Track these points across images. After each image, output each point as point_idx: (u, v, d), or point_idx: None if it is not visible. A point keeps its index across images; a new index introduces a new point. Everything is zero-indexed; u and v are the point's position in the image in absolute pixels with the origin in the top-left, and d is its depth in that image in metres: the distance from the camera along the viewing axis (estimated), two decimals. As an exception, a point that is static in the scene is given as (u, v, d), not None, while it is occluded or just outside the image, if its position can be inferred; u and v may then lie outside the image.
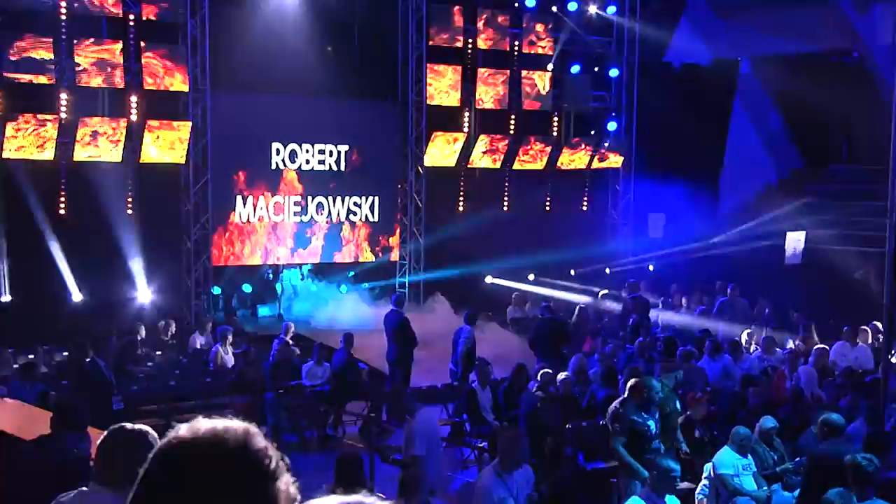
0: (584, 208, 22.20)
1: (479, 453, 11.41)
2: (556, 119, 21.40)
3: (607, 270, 21.36)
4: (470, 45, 19.82)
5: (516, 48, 20.42)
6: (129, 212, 16.47)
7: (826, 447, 7.81)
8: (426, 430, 7.81)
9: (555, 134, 21.22)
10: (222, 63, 16.72)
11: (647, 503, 6.84)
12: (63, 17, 15.45)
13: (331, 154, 18.59)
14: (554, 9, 20.62)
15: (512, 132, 20.40)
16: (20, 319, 14.87)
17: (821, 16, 20.05)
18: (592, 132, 21.88)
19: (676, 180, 20.69)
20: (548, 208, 21.64)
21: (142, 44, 16.07)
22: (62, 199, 16.01)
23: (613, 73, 21.72)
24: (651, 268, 21.21)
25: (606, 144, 21.62)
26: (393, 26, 18.97)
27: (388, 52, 19.04)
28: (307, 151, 18.33)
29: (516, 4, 20.36)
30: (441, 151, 19.57)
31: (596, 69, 21.54)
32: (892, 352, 9.80)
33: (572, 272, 20.90)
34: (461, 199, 20.54)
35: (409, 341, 13.95)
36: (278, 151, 18.03)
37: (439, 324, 16.63)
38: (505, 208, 20.87)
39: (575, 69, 21.18)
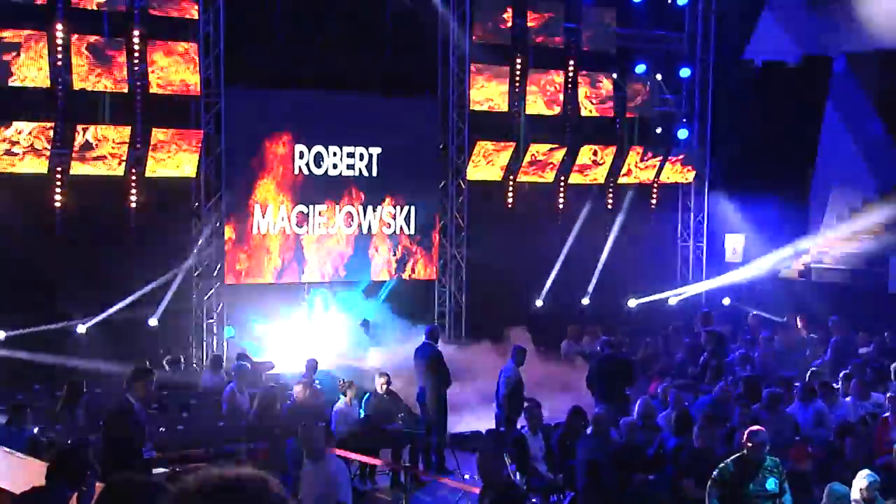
0: (650, 228, 22.01)
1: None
2: (617, 126, 21.32)
3: (670, 301, 21.17)
4: (520, 42, 19.80)
5: (573, 46, 20.40)
6: (133, 232, 16.61)
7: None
8: (346, 474, 7.80)
9: (616, 143, 21.10)
10: (238, 60, 16.86)
11: None
12: (60, 11, 15.64)
13: (361, 157, 18.59)
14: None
15: (567, 141, 20.34)
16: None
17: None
18: (660, 140, 21.75)
19: (758, 196, 20.48)
20: (608, 228, 21.42)
21: (148, 42, 16.26)
22: (56, 217, 16.13)
23: (685, 72, 21.59)
24: (727, 301, 20.99)
25: (677, 156, 21.47)
26: (432, 20, 18.93)
27: (427, 49, 19.01)
28: (334, 155, 18.37)
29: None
30: (486, 163, 19.55)
31: (664, 69, 21.46)
32: None
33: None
34: (509, 217, 20.44)
35: (442, 379, 13.93)
36: (302, 155, 18.08)
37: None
38: (559, 228, 20.75)
39: (640, 69, 21.11)
